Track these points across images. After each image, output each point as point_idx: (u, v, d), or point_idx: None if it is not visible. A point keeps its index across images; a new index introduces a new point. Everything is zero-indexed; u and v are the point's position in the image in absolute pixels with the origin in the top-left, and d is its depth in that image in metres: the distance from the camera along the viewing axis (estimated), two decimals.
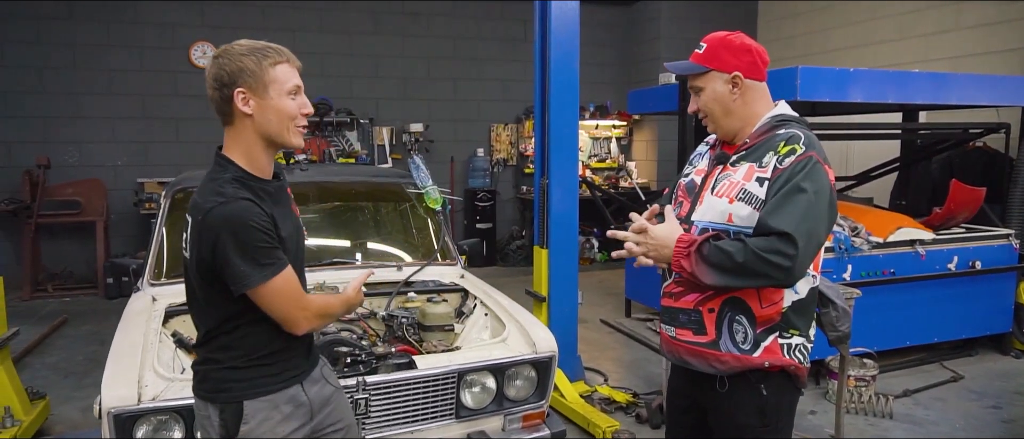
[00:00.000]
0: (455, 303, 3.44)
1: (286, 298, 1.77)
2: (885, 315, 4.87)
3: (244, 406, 1.81)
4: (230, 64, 1.75)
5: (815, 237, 1.80)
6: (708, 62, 1.99)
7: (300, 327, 1.82)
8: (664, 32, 9.37)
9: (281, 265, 1.75)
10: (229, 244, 1.69)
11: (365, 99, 8.96)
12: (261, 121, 1.78)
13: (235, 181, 1.77)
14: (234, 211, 1.70)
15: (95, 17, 7.82)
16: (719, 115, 2.00)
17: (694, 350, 2.00)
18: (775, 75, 4.70)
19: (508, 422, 2.83)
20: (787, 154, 1.86)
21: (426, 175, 4.10)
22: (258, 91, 1.76)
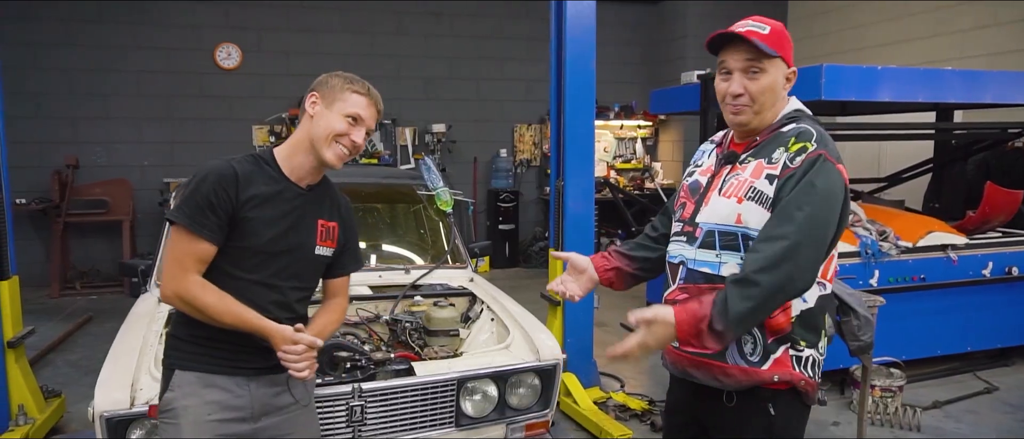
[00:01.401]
0: (462, 307, 3.38)
1: (171, 251, 1.88)
2: (914, 323, 4.69)
3: (174, 374, 1.90)
4: (326, 79, 1.98)
5: (823, 234, 1.68)
6: (776, 47, 1.80)
7: (161, 290, 1.90)
8: (690, 31, 9.20)
9: (183, 220, 1.83)
10: (189, 185, 1.88)
11: (388, 100, 8.78)
12: (314, 125, 1.94)
13: (250, 156, 1.96)
14: (212, 166, 1.87)
15: (124, 19, 7.94)
16: (767, 106, 1.82)
17: (698, 362, 1.86)
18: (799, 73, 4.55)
19: (511, 431, 2.76)
20: (798, 152, 1.73)
21: (437, 177, 4.05)
22: (326, 101, 1.94)
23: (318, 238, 2.02)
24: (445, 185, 4.04)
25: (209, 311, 1.84)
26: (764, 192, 1.75)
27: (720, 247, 1.81)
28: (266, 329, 1.87)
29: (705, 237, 1.83)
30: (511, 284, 7.75)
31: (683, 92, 5.78)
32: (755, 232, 1.74)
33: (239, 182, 1.87)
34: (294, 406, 2.03)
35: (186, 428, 1.86)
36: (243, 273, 1.91)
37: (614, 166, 9.83)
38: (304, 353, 1.87)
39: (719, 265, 1.81)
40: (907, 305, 4.62)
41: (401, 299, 3.26)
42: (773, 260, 1.64)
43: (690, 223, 1.89)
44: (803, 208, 1.66)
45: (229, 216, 1.86)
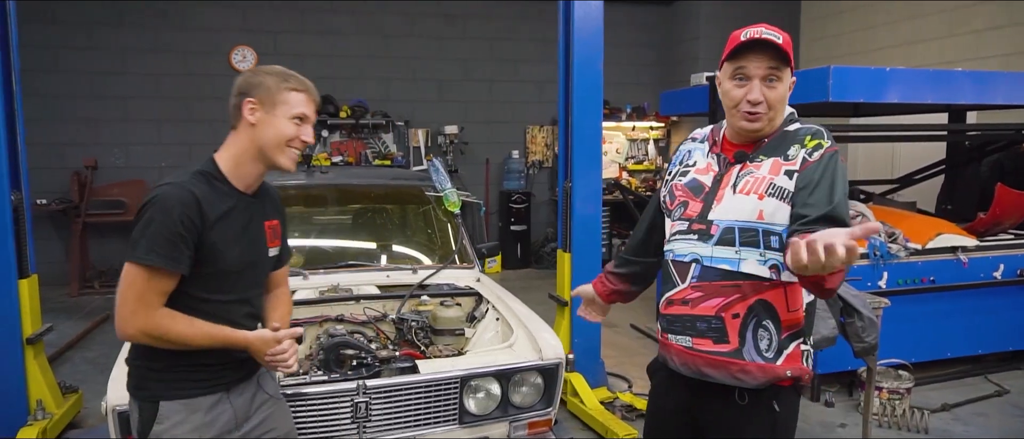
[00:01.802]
0: (469, 307, 3.42)
1: (132, 292, 1.77)
2: (924, 325, 4.67)
3: (160, 406, 1.85)
4: (253, 78, 1.91)
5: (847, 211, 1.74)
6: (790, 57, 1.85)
7: (121, 327, 1.80)
8: (703, 32, 9.20)
9: (161, 260, 1.75)
10: (144, 216, 1.78)
11: (401, 101, 9.04)
12: (259, 134, 1.89)
13: (199, 174, 1.88)
14: (169, 194, 1.78)
15: (143, 23, 8.08)
16: (779, 114, 1.88)
17: (715, 360, 1.85)
18: (807, 75, 4.56)
19: (514, 429, 2.79)
20: (815, 148, 1.79)
21: (446, 178, 4.09)
22: (265, 106, 1.88)
23: (268, 240, 2.04)
24: (453, 186, 4.08)
25: (183, 339, 1.80)
26: (785, 188, 1.78)
27: (740, 243, 1.82)
28: (244, 340, 1.88)
29: (723, 234, 1.84)
30: (522, 285, 7.78)
31: (692, 93, 5.79)
32: (777, 227, 1.78)
33: (202, 207, 1.81)
34: (269, 401, 2.08)
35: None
36: (217, 295, 1.89)
37: (626, 167, 9.84)
38: (289, 347, 1.90)
39: (739, 261, 1.82)
40: (916, 307, 4.61)
41: (408, 298, 3.30)
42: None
43: (701, 221, 1.89)
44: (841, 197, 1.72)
45: (195, 245, 1.81)
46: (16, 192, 3.59)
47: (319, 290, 3.34)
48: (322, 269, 3.54)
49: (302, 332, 1.97)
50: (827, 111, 5.90)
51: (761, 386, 1.83)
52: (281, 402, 2.15)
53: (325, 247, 3.98)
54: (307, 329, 3.13)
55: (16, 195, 3.58)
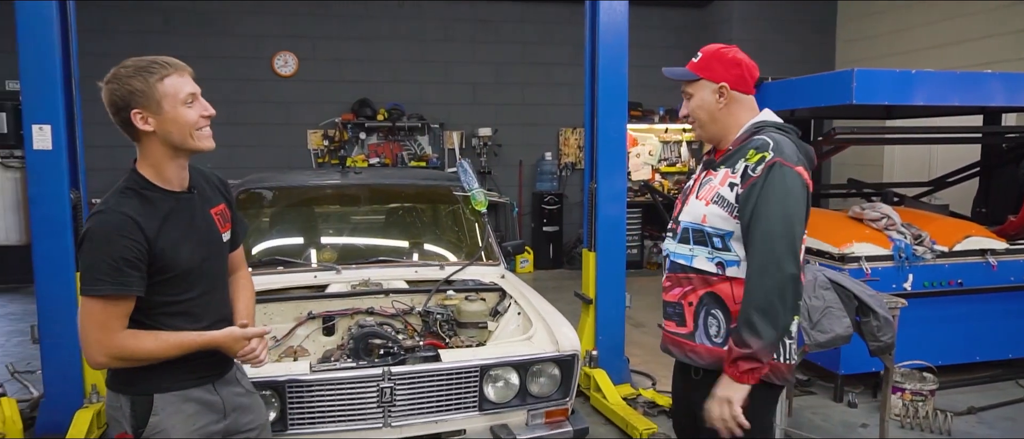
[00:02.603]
0: (492, 302, 3.56)
1: (92, 323, 1.80)
2: (952, 328, 4.66)
3: (154, 399, 1.91)
4: (120, 89, 1.84)
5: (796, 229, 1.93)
6: (700, 71, 2.13)
7: (90, 357, 1.82)
8: (736, 34, 9.20)
9: (109, 288, 1.77)
10: (84, 248, 1.81)
11: (436, 104, 9.24)
12: (163, 134, 1.86)
13: (126, 189, 1.88)
14: (102, 222, 1.81)
15: (188, 30, 8.45)
16: (705, 121, 2.14)
17: (676, 340, 2.17)
18: (830, 78, 4.59)
19: (531, 417, 2.93)
20: (757, 162, 1.98)
21: (474, 178, 4.23)
22: (152, 108, 1.84)
23: (219, 227, 2.06)
24: (481, 187, 4.23)
25: (153, 355, 1.85)
26: (726, 198, 2.03)
27: (693, 242, 2.10)
28: (213, 341, 1.93)
29: (682, 233, 2.14)
30: (554, 284, 7.90)
31: None
32: (715, 230, 2.04)
33: (139, 223, 1.82)
34: (246, 394, 2.16)
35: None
36: (185, 294, 1.94)
37: (659, 169, 9.89)
38: (259, 345, 2.00)
39: (691, 257, 2.11)
40: (943, 310, 4.60)
41: (434, 293, 3.46)
42: (761, 265, 1.91)
43: (675, 221, 2.20)
44: (773, 212, 1.92)
45: (145, 262, 1.82)
46: (75, 191, 3.85)
47: (351, 284, 3.52)
48: (354, 264, 3.73)
49: (269, 330, 2.03)
50: (857, 113, 5.90)
51: (711, 366, 2.05)
52: (256, 395, 2.22)
53: (357, 244, 4.17)
54: (339, 320, 3.32)
55: (75, 194, 3.84)
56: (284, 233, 4.23)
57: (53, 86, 3.72)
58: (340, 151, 8.93)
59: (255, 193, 4.15)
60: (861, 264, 4.40)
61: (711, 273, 2.06)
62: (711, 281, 2.06)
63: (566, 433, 2.95)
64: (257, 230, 4.17)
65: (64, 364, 3.83)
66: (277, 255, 3.84)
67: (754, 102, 2.16)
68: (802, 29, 9.37)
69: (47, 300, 3.79)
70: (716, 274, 2.05)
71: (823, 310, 3.22)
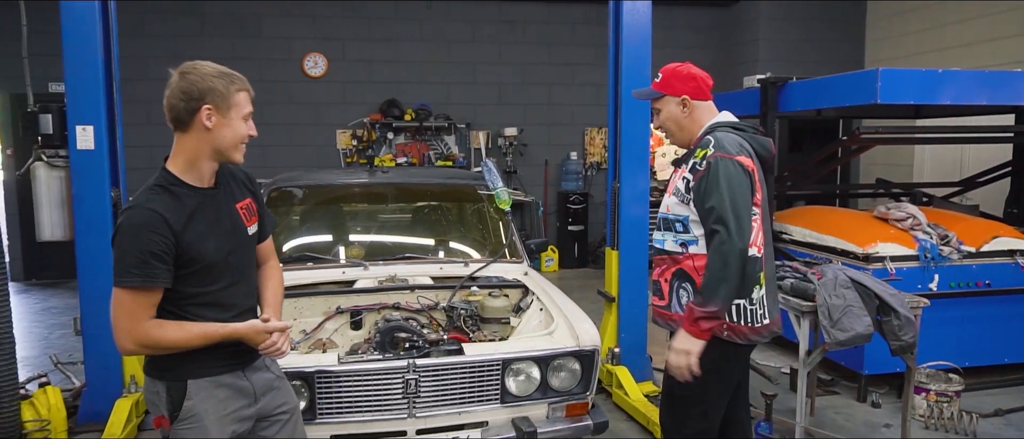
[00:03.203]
0: (515, 298, 3.64)
1: (121, 311, 1.89)
2: (978, 329, 4.62)
3: (188, 385, 2.01)
4: (202, 82, 1.96)
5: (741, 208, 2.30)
6: (663, 89, 2.57)
7: (119, 344, 1.92)
8: (763, 34, 9.16)
9: (136, 280, 1.86)
10: (115, 242, 1.91)
11: (462, 105, 9.35)
12: (217, 136, 1.98)
13: (156, 186, 1.97)
14: (131, 218, 1.90)
15: (222, 32, 8.66)
16: (674, 130, 2.58)
17: (658, 311, 2.62)
18: (855, 77, 4.58)
19: (552, 410, 3.00)
20: (702, 158, 2.40)
21: (498, 177, 4.31)
22: (221, 110, 1.97)
23: (245, 221, 2.15)
24: (504, 186, 4.31)
25: (177, 344, 1.94)
26: (680, 189, 2.48)
27: (664, 229, 2.56)
28: (236, 332, 2.02)
29: (658, 223, 2.61)
30: (578, 283, 7.96)
31: (744, 96, 5.84)
32: (676, 217, 2.49)
33: (166, 219, 1.91)
34: (276, 379, 2.26)
35: (210, 426, 2.03)
36: (212, 286, 2.03)
37: None
38: (280, 338, 2.07)
39: (663, 241, 2.56)
40: (970, 311, 4.57)
41: (459, 289, 3.55)
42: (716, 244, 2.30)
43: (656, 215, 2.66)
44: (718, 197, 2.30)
45: (173, 255, 1.92)
46: (115, 189, 4.00)
47: (378, 280, 3.62)
48: (381, 261, 3.83)
49: (289, 325, 2.16)
50: (883, 113, 5.85)
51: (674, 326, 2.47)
52: (285, 380, 2.32)
53: (384, 241, 4.27)
54: (366, 315, 3.42)
55: (115, 192, 4.00)
56: (314, 230, 4.35)
57: (95, 88, 3.87)
58: (368, 151, 9.08)
59: (286, 191, 4.28)
60: (885, 264, 4.39)
61: (677, 253, 2.50)
62: (678, 259, 2.49)
63: (586, 427, 3.01)
64: (288, 227, 4.30)
65: (104, 355, 3.99)
66: (307, 252, 3.96)
67: (713, 106, 2.58)
68: (830, 28, 9.29)
69: (89, 294, 3.95)
70: (681, 253, 2.49)
71: (843, 309, 3.24)
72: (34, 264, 8.58)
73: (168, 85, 1.99)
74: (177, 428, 2.04)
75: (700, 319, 2.30)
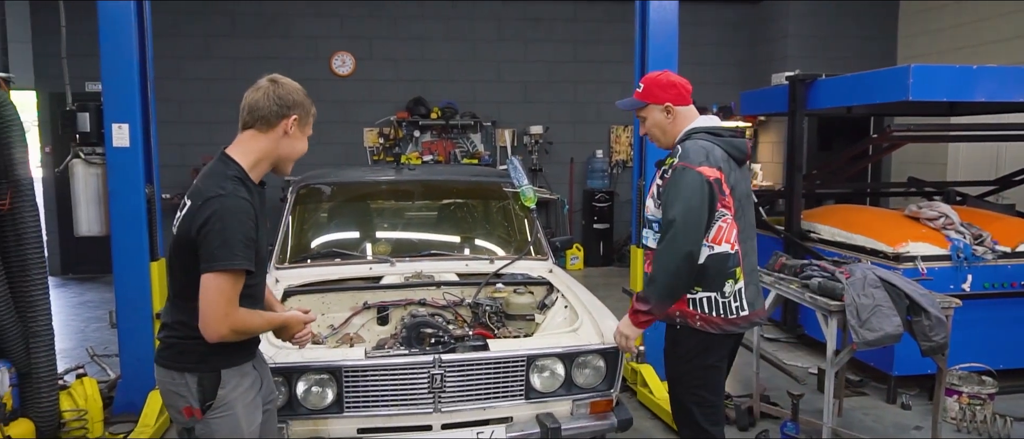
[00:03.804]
0: (540, 295, 3.65)
1: (222, 297, 1.96)
2: (1013, 330, 4.53)
3: (222, 374, 2.11)
4: (295, 94, 2.15)
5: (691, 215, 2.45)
6: (646, 98, 2.71)
7: (211, 328, 1.97)
8: (792, 30, 9.04)
9: (238, 264, 1.96)
10: (215, 227, 1.96)
11: (488, 103, 9.38)
12: (287, 144, 2.15)
13: (235, 179, 2.07)
14: (230, 204, 1.99)
15: (252, 32, 8.79)
16: (659, 135, 2.73)
17: None
18: (886, 74, 4.51)
19: (576, 407, 3.01)
20: (669, 165, 2.58)
21: (523, 175, 4.33)
22: (302, 125, 2.17)
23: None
24: (530, 183, 4.32)
25: (258, 329, 2.14)
26: (654, 193, 2.66)
27: (646, 227, 2.74)
28: (286, 320, 2.24)
29: (645, 221, 2.77)
30: (603, 281, 7.95)
31: (772, 94, 5.79)
32: (653, 217, 2.65)
33: (255, 212, 2.05)
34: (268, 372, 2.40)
35: (241, 415, 2.15)
36: (258, 278, 2.18)
37: None
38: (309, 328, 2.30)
39: (647, 238, 2.73)
40: (1005, 312, 4.48)
41: (484, 286, 3.57)
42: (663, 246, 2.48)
43: None
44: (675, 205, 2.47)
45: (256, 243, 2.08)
46: (149, 185, 4.10)
47: (404, 276, 3.66)
48: (408, 257, 3.87)
49: (315, 317, 2.39)
50: (917, 110, 5.75)
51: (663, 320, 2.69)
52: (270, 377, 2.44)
53: (411, 238, 4.31)
54: (392, 310, 3.47)
55: (149, 188, 4.09)
56: (341, 227, 4.41)
57: (131, 87, 3.96)
58: (395, 148, 9.15)
59: (314, 188, 4.34)
60: (916, 264, 4.32)
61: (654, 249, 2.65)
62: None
63: (610, 424, 3.02)
64: (316, 224, 4.36)
65: (138, 348, 4.08)
66: (335, 248, 4.01)
67: (693, 110, 2.72)
68: (862, 24, 9.14)
69: (124, 288, 4.05)
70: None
71: (872, 308, 3.20)
72: (71, 258, 8.81)
73: (256, 88, 2.14)
74: (210, 417, 2.12)
75: (637, 312, 2.56)
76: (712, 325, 2.58)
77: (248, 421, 2.17)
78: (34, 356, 3.62)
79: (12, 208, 3.54)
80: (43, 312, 3.65)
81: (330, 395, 2.78)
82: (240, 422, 2.14)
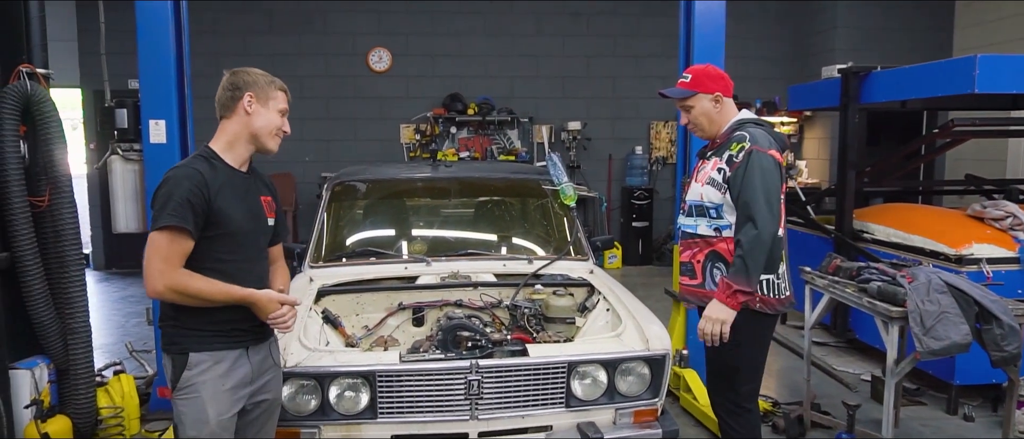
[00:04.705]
0: (580, 298, 3.52)
1: (156, 254, 2.08)
2: None
3: (190, 357, 2.18)
4: (247, 77, 2.29)
5: (773, 197, 2.57)
6: (696, 87, 2.77)
7: (147, 284, 2.10)
8: (840, 22, 8.72)
9: (175, 219, 2.06)
10: (159, 193, 2.13)
11: (525, 98, 9.25)
12: (254, 121, 2.27)
13: (198, 156, 2.25)
14: (175, 172, 2.16)
15: (290, 28, 8.81)
16: (705, 124, 2.80)
17: (690, 290, 2.85)
18: (949, 66, 4.26)
19: (619, 416, 2.87)
20: (738, 152, 2.64)
21: (563, 172, 4.20)
22: (261, 100, 2.27)
23: (266, 212, 2.38)
24: (570, 180, 4.18)
25: (201, 294, 2.12)
26: (716, 179, 2.71)
27: (696, 215, 2.78)
28: (252, 297, 2.19)
29: (688, 210, 2.83)
30: (642, 281, 7.77)
31: (823, 87, 5.54)
32: (710, 204, 2.71)
33: (205, 178, 2.15)
34: (273, 367, 2.42)
35: (206, 399, 2.18)
36: (230, 256, 2.22)
37: None
38: (289, 312, 2.26)
39: (696, 226, 2.78)
40: None
41: (523, 287, 3.45)
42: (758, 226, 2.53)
43: (683, 202, 2.88)
44: (758, 187, 2.55)
45: (205, 213, 2.14)
46: None
47: (441, 276, 3.56)
48: (444, 256, 3.77)
49: (299, 300, 2.39)
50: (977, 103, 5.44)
51: None
52: (280, 371, 2.48)
53: (447, 236, 4.21)
54: (428, 312, 3.37)
55: None
56: (376, 225, 4.33)
57: (168, 84, 3.94)
58: (431, 145, 9.09)
59: (349, 185, 4.27)
60: (981, 267, 4.07)
61: (711, 236, 2.73)
62: (711, 242, 2.73)
63: (655, 434, 2.87)
64: (351, 221, 4.29)
65: None
66: (369, 246, 3.93)
67: (734, 104, 2.81)
68: (915, 15, 8.77)
69: None
70: (715, 236, 2.72)
71: (938, 315, 2.99)
72: (114, 254, 8.95)
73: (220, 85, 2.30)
74: (175, 396, 2.21)
75: (737, 292, 2.55)
76: (768, 306, 2.68)
77: (215, 409, 2.19)
78: (72, 353, 3.61)
79: (51, 204, 3.54)
80: (81, 309, 3.64)
81: (364, 400, 2.69)
82: (205, 407, 2.17)
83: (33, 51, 3.62)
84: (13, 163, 3.36)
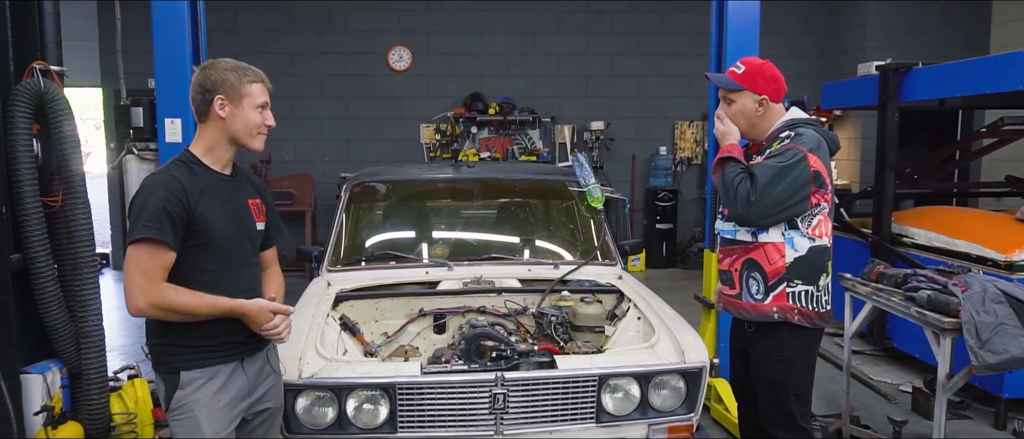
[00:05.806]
0: (609, 304, 3.36)
1: (136, 269, 1.95)
2: None
3: (181, 375, 2.05)
4: (215, 75, 2.09)
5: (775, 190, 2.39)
6: (745, 83, 2.53)
7: (128, 302, 1.96)
8: (872, 19, 8.46)
9: (152, 232, 1.93)
10: (134, 203, 2.01)
11: (547, 97, 9.10)
12: (231, 124, 2.11)
13: (176, 162, 2.11)
14: (152, 179, 2.03)
15: (310, 26, 8.72)
16: (742, 126, 2.57)
17: (729, 300, 2.65)
18: (998, 61, 4.06)
19: (652, 432, 2.70)
20: (779, 143, 2.47)
21: (589, 173, 4.04)
22: (234, 100, 2.09)
23: (254, 216, 2.25)
24: (597, 182, 4.03)
25: (187, 308, 1.99)
26: None
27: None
28: (242, 308, 2.07)
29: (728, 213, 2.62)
30: (667, 285, 7.58)
31: (859, 85, 5.33)
32: None
33: (184, 185, 2.01)
34: (272, 375, 2.30)
35: (201, 419, 2.05)
36: (216, 266, 2.09)
37: None
38: (283, 322, 2.14)
39: (735, 232, 2.59)
40: None
41: (549, 293, 3.30)
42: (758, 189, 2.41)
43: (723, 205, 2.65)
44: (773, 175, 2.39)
45: (185, 221, 2.00)
46: None
47: (463, 281, 3.42)
48: (466, 261, 3.63)
49: (292, 310, 2.23)
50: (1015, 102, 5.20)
51: (757, 319, 2.55)
52: (280, 378, 2.36)
53: (469, 240, 4.07)
54: (450, 319, 3.23)
55: None
56: (396, 227, 4.20)
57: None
58: (452, 145, 8.96)
59: (368, 186, 4.15)
60: None
61: (748, 241, 2.54)
62: (749, 248, 2.54)
63: None
64: (370, 223, 4.17)
65: None
66: (389, 249, 3.80)
67: (782, 110, 2.60)
68: (950, 11, 8.49)
69: None
70: (751, 241, 2.53)
71: (995, 327, 2.80)
72: None
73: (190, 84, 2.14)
74: (170, 418, 2.09)
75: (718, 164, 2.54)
76: (807, 319, 2.51)
77: (212, 428, 2.07)
78: (85, 356, 3.52)
79: (64, 205, 3.45)
80: (94, 312, 3.55)
81: (383, 413, 2.55)
82: (201, 427, 2.06)
83: (47, 48, 3.53)
84: (26, 162, 3.26)
